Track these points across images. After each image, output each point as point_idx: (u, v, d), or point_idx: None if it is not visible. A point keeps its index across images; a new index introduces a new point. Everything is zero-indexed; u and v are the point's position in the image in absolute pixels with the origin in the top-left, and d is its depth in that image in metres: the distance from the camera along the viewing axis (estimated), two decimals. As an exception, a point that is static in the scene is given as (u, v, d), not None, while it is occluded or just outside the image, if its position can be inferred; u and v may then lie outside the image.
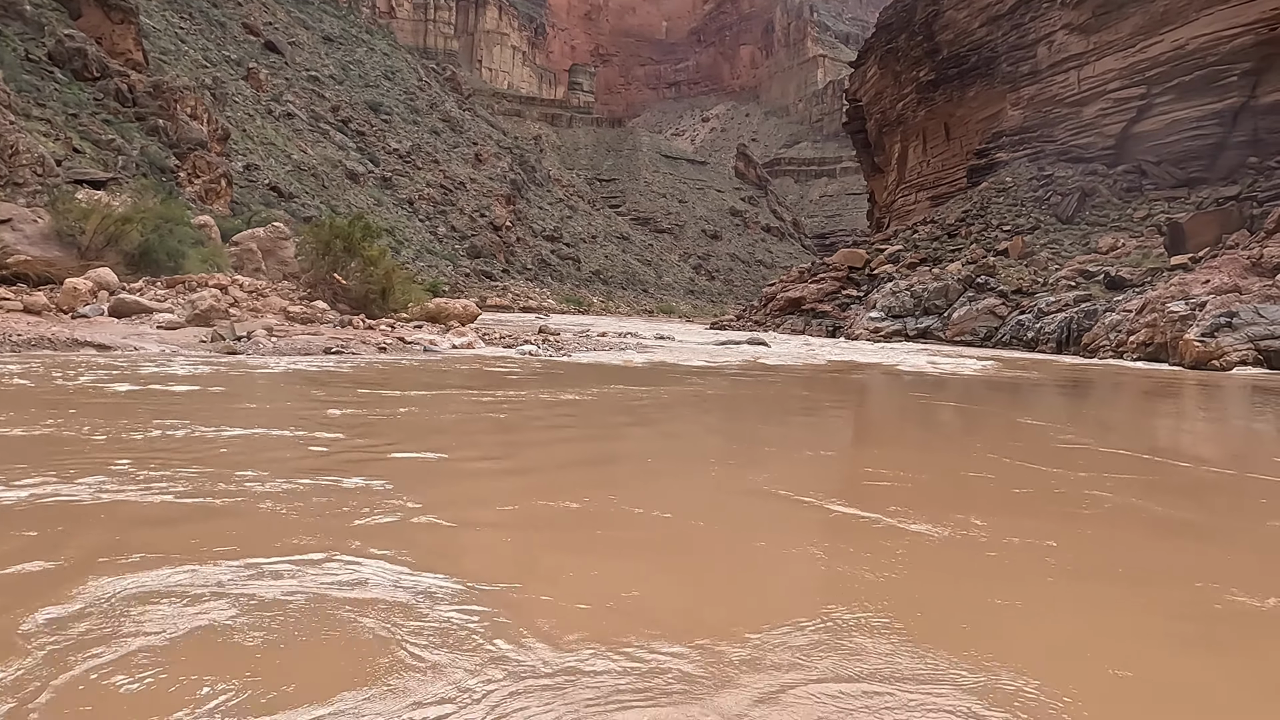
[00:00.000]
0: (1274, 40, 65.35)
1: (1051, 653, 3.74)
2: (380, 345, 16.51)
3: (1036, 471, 9.04)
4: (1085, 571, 5.18)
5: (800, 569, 5.12)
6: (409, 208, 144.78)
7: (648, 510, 6.39)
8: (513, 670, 3.19)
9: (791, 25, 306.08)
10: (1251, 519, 6.94)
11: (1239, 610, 4.54)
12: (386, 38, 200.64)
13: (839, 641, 3.73)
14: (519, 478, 7.60)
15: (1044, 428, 13.99)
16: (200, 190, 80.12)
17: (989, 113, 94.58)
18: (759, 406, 15.74)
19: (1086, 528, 6.38)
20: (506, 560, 4.86)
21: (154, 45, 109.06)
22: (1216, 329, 36.59)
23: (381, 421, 9.98)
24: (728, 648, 3.56)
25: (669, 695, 3.05)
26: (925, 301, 63.30)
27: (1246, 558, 5.84)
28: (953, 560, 5.33)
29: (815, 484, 7.81)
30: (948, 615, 4.22)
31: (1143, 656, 3.79)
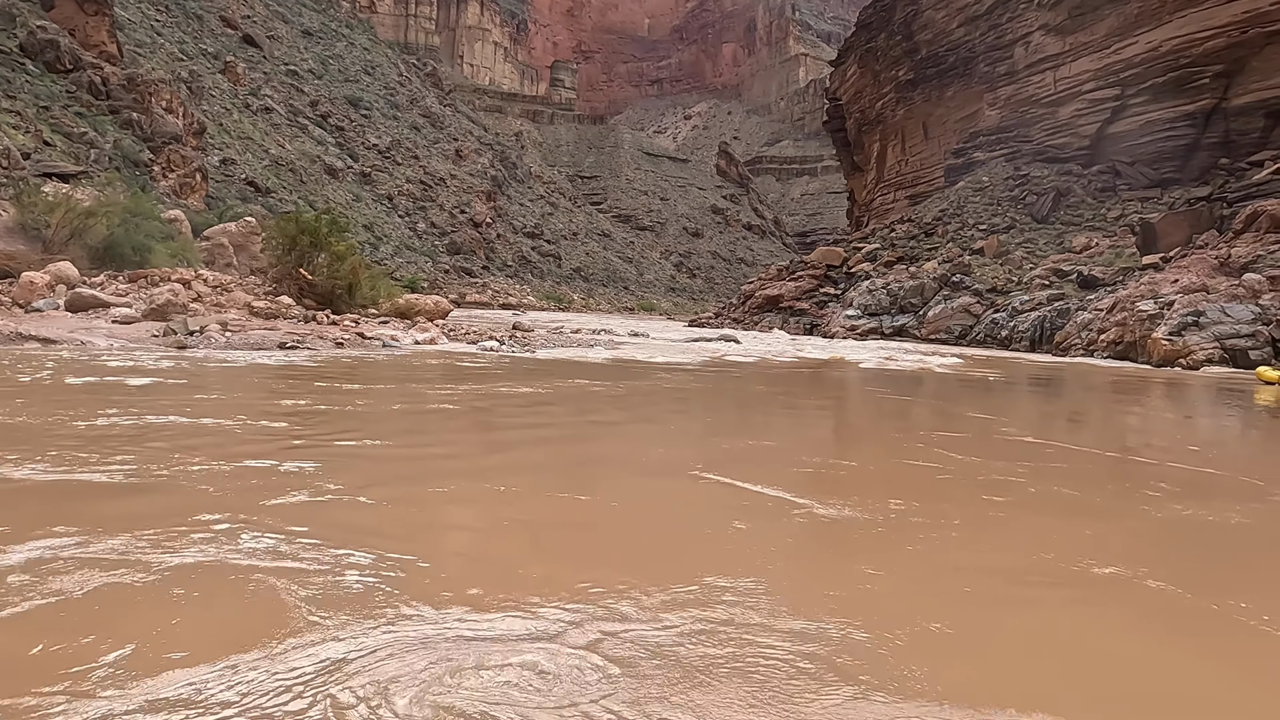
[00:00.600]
0: (1245, 43, 66.10)
1: (886, 610, 4.14)
2: (338, 341, 16.41)
3: (969, 461, 9.44)
4: (963, 545, 5.69)
5: (700, 545, 5.38)
6: (388, 203, 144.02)
7: (571, 494, 6.70)
8: (390, 627, 3.50)
9: (773, 24, 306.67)
10: (1140, 502, 7.43)
11: (1076, 576, 5.00)
12: (367, 32, 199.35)
13: (704, 597, 4.16)
14: (450, 462, 7.82)
15: (990, 421, 14.34)
16: (175, 184, 79.30)
17: (966, 112, 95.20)
18: (710, 399, 16.00)
19: (993, 510, 6.82)
20: (410, 536, 5.04)
21: (129, 38, 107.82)
22: (1184, 328, 37.01)
23: (324, 412, 10.09)
24: (597, 606, 3.93)
25: (522, 643, 3.44)
26: (901, 300, 63.65)
27: (1116, 533, 6.29)
28: (849, 538, 5.75)
29: (747, 469, 8.03)
30: (817, 583, 4.64)
31: (964, 614, 4.21)
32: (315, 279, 22.68)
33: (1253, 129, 66.93)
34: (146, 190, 71.94)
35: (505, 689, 2.99)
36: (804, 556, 5.38)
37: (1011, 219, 74.22)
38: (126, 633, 3.29)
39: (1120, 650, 3.82)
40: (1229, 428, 16.13)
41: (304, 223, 23.75)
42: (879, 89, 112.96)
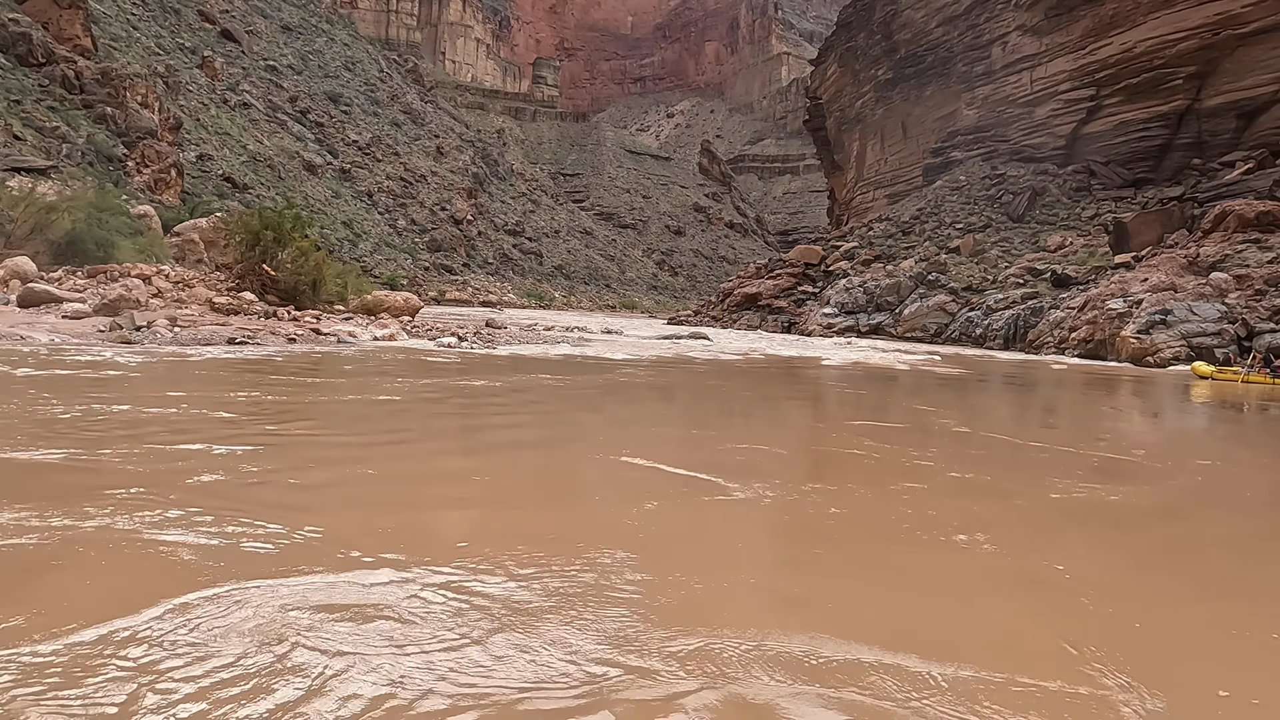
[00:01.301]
0: (1217, 44, 66.79)
1: (717, 569, 4.68)
2: (290, 336, 16.29)
3: (900, 450, 9.74)
4: (841, 520, 6.23)
5: (605, 521, 5.72)
6: (368, 200, 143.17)
7: (485, 476, 6.98)
8: (262, 580, 3.97)
9: (756, 22, 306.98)
10: (1041, 485, 7.84)
11: (923, 541, 5.58)
12: (347, 28, 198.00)
13: (584, 557, 4.65)
14: (373, 449, 7.99)
15: (932, 414, 14.63)
16: (149, 180, 78.50)
17: (945, 112, 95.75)
18: (660, 393, 16.24)
19: (900, 492, 7.20)
20: (310, 512, 5.32)
21: (104, 31, 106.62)
22: (1151, 326, 37.38)
23: (259, 402, 10.15)
24: (468, 568, 4.36)
25: (375, 587, 3.97)
26: (877, 298, 63.93)
27: (999, 510, 6.85)
28: (746, 516, 6.10)
29: (679, 455, 8.35)
30: (684, 551, 5.07)
31: (792, 573, 4.80)
32: (278, 275, 22.52)
33: (1224, 130, 67.66)
34: (120, 185, 71.42)
35: (357, 616, 3.59)
36: (699, 530, 5.72)
37: (988, 218, 74.72)
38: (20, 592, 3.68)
39: (901, 599, 4.46)
40: (1162, 419, 16.98)
41: (267, 218, 23.56)
42: (859, 88, 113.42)
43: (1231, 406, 19.50)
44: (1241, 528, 6.98)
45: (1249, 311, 36.35)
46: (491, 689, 3.01)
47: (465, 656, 3.27)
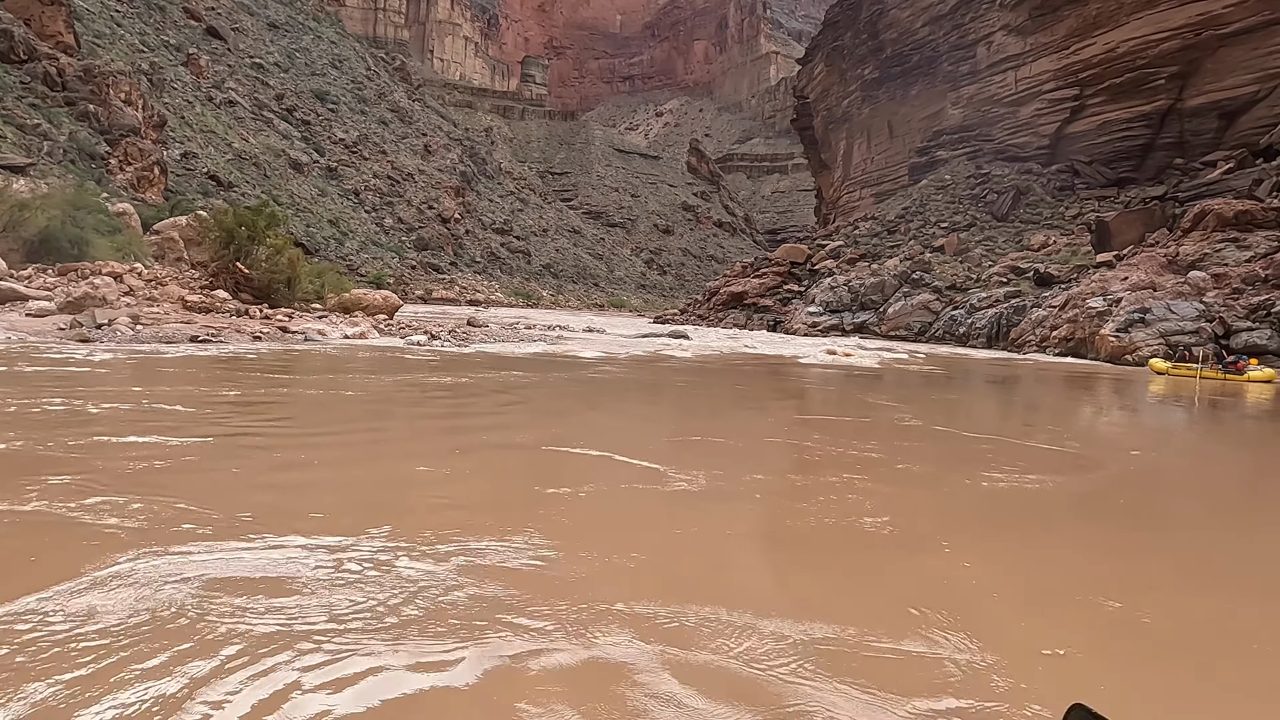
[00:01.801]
0: (1199, 45, 67.17)
1: (618, 547, 5.06)
2: (256, 334, 16.21)
3: (851, 443, 10.07)
4: (762, 505, 6.65)
5: (536, 504, 6.05)
6: (355, 198, 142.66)
7: (426, 466, 7.25)
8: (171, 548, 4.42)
9: (745, 21, 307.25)
10: (972, 475, 8.21)
11: (832, 527, 5.98)
12: (334, 26, 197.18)
13: (503, 536, 5.02)
14: (317, 440, 8.22)
15: (894, 409, 14.80)
16: (132, 178, 78.03)
17: (930, 111, 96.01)
18: (622, 389, 16.37)
19: (835, 481, 7.52)
20: (219, 494, 5.70)
21: (87, 28, 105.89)
22: (1130, 324, 37.55)
23: (209, 397, 10.24)
24: (376, 541, 4.78)
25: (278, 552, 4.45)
26: (862, 297, 64.02)
27: (925, 497, 7.26)
28: (676, 501, 6.45)
29: (628, 446, 8.57)
30: (597, 533, 5.43)
31: (687, 551, 5.18)
32: (252, 273, 22.39)
33: (1206, 130, 68.08)
34: (102, 183, 70.99)
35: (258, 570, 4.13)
36: (623, 513, 6.10)
37: (972, 217, 74.96)
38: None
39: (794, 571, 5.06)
40: (1110, 413, 17.44)
41: (241, 216, 23.43)
42: (845, 87, 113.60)
43: (1181, 401, 20.12)
44: (1142, 513, 7.39)
45: (1226, 310, 36.55)
46: (385, 641, 3.46)
47: (372, 617, 3.69)
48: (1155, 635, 4.17)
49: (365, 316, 23.51)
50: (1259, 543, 6.29)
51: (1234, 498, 8.66)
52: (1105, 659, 3.77)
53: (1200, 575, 5.36)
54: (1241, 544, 6.29)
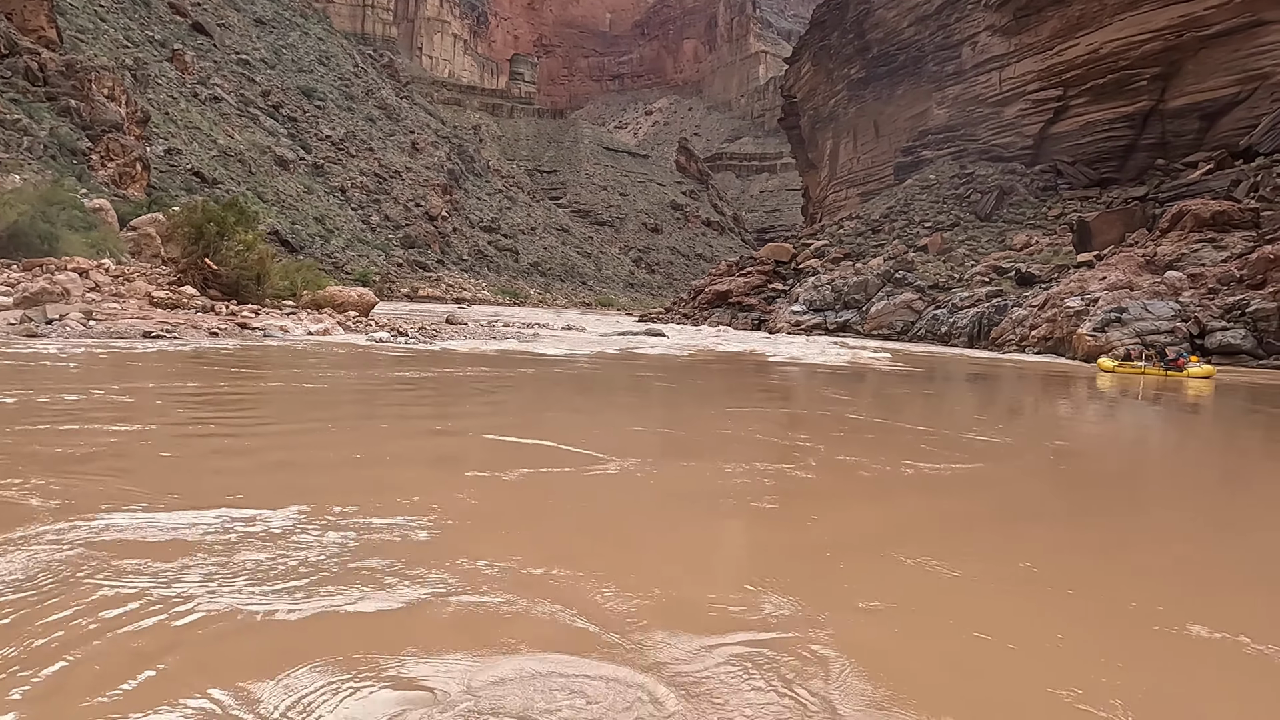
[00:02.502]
0: (1180, 46, 67.60)
1: (511, 523, 5.46)
2: (213, 330, 16.10)
3: (792, 433, 10.32)
4: (673, 488, 6.89)
5: (453, 486, 6.33)
6: (341, 196, 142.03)
7: (356, 453, 7.34)
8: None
9: (734, 20, 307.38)
10: (897, 464, 8.56)
11: (725, 509, 6.28)
12: (322, 22, 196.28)
13: (413, 512, 5.37)
14: (254, 428, 8.48)
15: (845, 403, 14.92)
16: (114, 174, 77.45)
17: (916, 111, 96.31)
18: (579, 383, 16.48)
19: (758, 469, 7.74)
20: (151, 476, 5.97)
21: (70, 23, 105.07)
22: (1107, 324, 37.73)
23: (144, 390, 10.17)
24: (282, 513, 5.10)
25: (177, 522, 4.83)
26: (845, 296, 64.15)
27: (834, 483, 7.62)
28: (599, 483, 6.77)
29: (566, 433, 8.86)
30: (496, 505, 5.84)
31: (572, 529, 5.48)
32: (221, 269, 22.23)
33: (1188, 131, 68.54)
34: (84, 179, 70.52)
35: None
36: (540, 494, 6.35)
37: (956, 216, 75.22)
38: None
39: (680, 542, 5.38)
40: (1053, 408, 18.04)
41: (210, 212, 23.26)
42: (832, 87, 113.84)
43: (1123, 397, 21.04)
44: (1032, 498, 7.83)
45: (1202, 310, 36.78)
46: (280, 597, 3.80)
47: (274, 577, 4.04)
48: (964, 590, 4.64)
49: (335, 313, 23.37)
50: (1109, 525, 6.61)
51: (1114, 480, 9.27)
52: (913, 611, 4.21)
53: (1032, 547, 5.74)
54: (1090, 522, 6.70)
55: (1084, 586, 4.80)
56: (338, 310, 24.53)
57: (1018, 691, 3.40)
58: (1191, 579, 5.28)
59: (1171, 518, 7.34)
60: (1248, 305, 35.52)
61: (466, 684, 3.09)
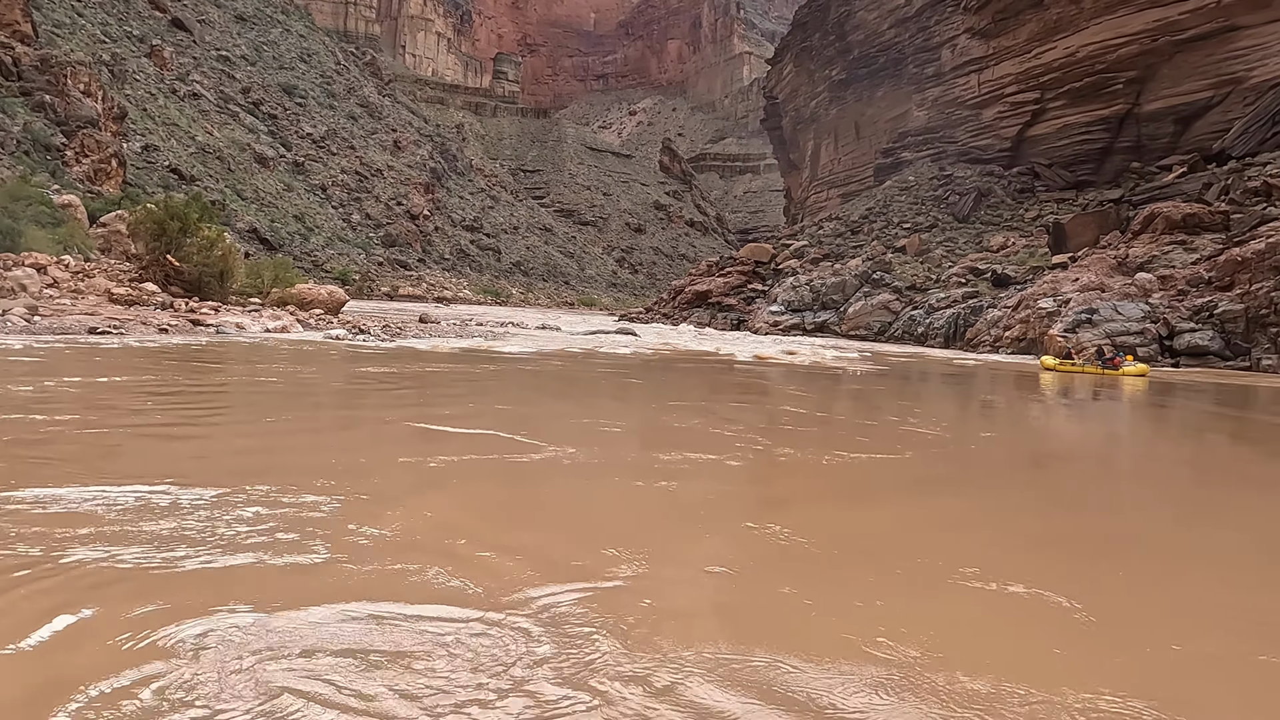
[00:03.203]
0: (1156, 50, 68.11)
1: (419, 501, 5.78)
2: (163, 327, 15.92)
3: (725, 424, 10.59)
4: (589, 470, 7.35)
5: (365, 469, 6.71)
6: (322, 194, 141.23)
7: (286, 439, 7.64)
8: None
9: (719, 21, 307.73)
10: (825, 453, 8.96)
11: (632, 488, 6.77)
12: (303, 19, 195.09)
13: (326, 488, 5.86)
14: (178, 416, 8.68)
15: (796, 398, 15.07)
16: (89, 170, 76.66)
17: (896, 113, 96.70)
18: (533, 380, 16.63)
19: (677, 457, 8.14)
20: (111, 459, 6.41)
21: (46, 18, 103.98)
22: (1078, 325, 37.99)
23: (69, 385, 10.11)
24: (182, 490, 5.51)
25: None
26: (823, 296, 64.30)
27: (751, 468, 8.09)
28: (525, 468, 7.15)
29: (512, 425, 9.13)
30: (406, 485, 6.19)
31: (476, 504, 5.95)
32: (183, 266, 22.02)
33: (1163, 134, 69.10)
34: (57, 175, 69.82)
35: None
36: (459, 476, 6.70)
37: (934, 218, 75.56)
38: None
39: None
40: (1000, 403, 18.86)
41: (173, 208, 23.04)
42: (813, 88, 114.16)
43: (1060, 393, 21.98)
44: (928, 477, 8.41)
45: (1171, 311, 37.09)
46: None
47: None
48: (802, 559, 5.15)
49: (299, 311, 23.20)
50: (967, 503, 7.35)
51: (1018, 464, 10.01)
52: (753, 572, 4.73)
53: (883, 521, 6.41)
54: (968, 497, 7.52)
55: (915, 554, 5.33)
56: (303, 308, 24.34)
57: (819, 634, 3.86)
58: (1011, 546, 5.87)
59: (1028, 495, 8.03)
60: (1216, 307, 35.83)
61: (276, 623, 3.55)
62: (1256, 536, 6.54)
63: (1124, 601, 4.66)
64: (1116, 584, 5.01)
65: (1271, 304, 33.83)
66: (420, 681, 3.13)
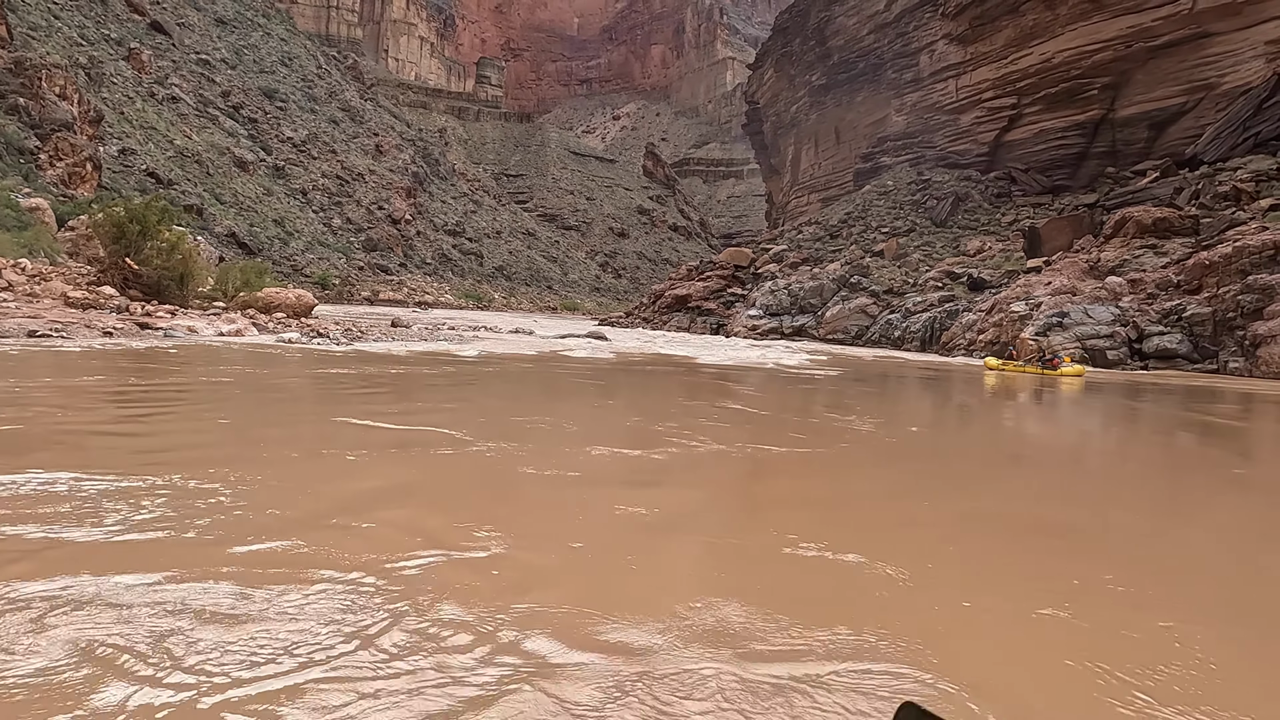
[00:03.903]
0: (1130, 56, 68.74)
1: (316, 490, 6.07)
2: (107, 330, 15.70)
3: (663, 423, 10.87)
4: (516, 459, 7.70)
5: (266, 460, 6.98)
6: (302, 198, 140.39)
7: (209, 435, 7.86)
8: None
9: (702, 27, 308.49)
10: (758, 445, 9.36)
11: (534, 477, 7.06)
12: (285, 23, 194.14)
13: (234, 477, 6.14)
14: (106, 414, 8.82)
15: (742, 399, 15.30)
16: (63, 173, 76.06)
17: (876, 118, 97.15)
18: (479, 381, 16.62)
19: (614, 451, 8.59)
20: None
21: (21, 20, 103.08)
22: (1049, 328, 38.19)
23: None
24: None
25: None
26: (801, 300, 64.41)
27: (674, 458, 8.45)
28: (439, 460, 7.49)
29: (445, 421, 9.35)
30: (328, 478, 6.44)
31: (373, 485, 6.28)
32: (142, 269, 21.76)
33: (1137, 139, 69.72)
34: (30, 179, 69.14)
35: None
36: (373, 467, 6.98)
37: (912, 222, 75.89)
38: None
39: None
40: (938, 401, 19.46)
41: (132, 210, 22.79)
42: (794, 93, 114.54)
43: (1000, 392, 22.91)
44: (833, 464, 9.05)
45: (1140, 315, 37.34)
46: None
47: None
48: (655, 535, 5.54)
49: (259, 315, 22.96)
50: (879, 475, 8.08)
51: (930, 455, 10.54)
52: (611, 546, 5.13)
53: (755, 497, 7.12)
54: (872, 474, 8.27)
55: (766, 529, 5.84)
56: (267, 312, 24.12)
57: (648, 598, 4.24)
58: (868, 525, 6.37)
59: (903, 478, 8.64)
60: (1184, 310, 36.10)
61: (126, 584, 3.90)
62: (1095, 513, 7.20)
63: (949, 570, 5.16)
64: (950, 556, 5.54)
65: (1238, 307, 34.11)
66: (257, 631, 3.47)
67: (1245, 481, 9.74)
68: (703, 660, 3.54)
